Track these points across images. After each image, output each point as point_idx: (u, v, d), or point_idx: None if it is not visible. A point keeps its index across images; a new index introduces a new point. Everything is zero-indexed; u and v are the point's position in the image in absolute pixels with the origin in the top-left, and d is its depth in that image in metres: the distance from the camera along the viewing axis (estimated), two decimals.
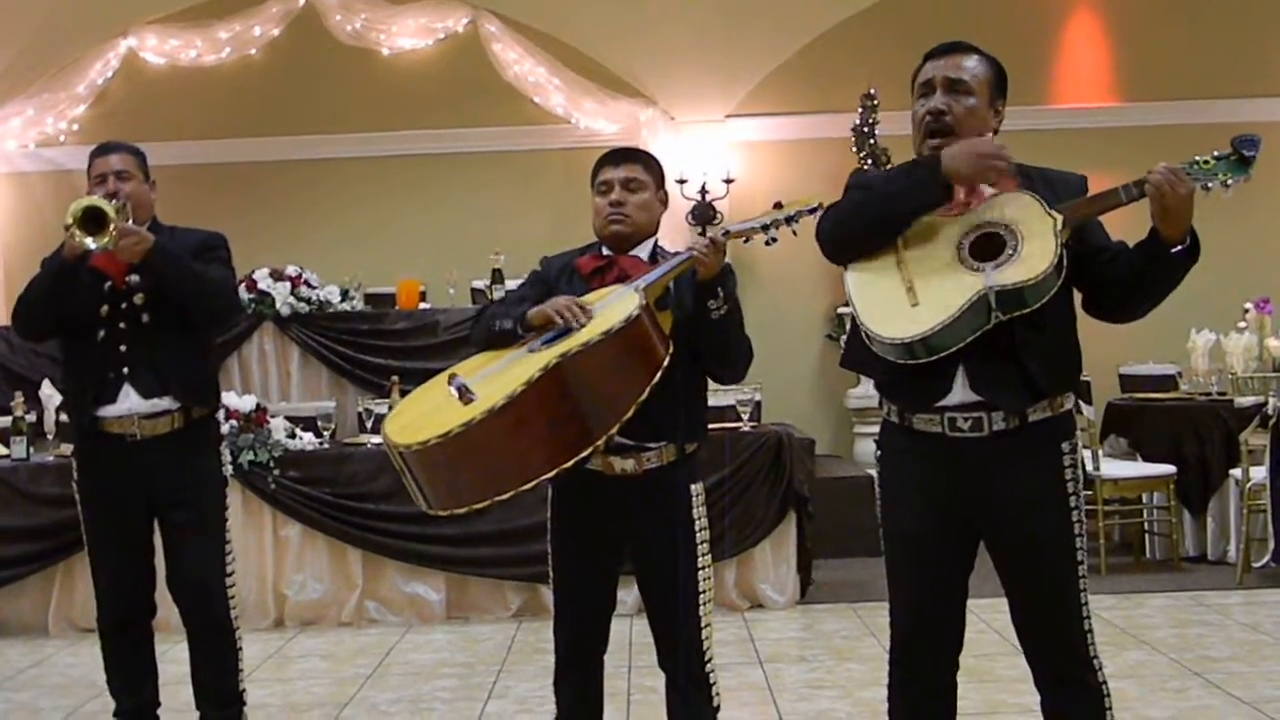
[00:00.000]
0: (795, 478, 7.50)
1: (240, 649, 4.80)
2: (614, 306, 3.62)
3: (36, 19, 10.85)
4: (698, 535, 3.92)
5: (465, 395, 3.48)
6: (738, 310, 3.86)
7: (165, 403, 4.62)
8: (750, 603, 7.57)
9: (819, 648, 6.71)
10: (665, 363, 3.60)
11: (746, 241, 3.94)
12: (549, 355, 3.46)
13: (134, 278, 4.62)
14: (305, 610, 7.61)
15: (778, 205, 3.95)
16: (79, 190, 4.43)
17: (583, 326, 3.58)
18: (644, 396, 3.53)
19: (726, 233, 3.79)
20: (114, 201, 4.49)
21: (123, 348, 4.61)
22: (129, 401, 4.61)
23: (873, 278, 3.43)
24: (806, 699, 5.79)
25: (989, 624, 6.35)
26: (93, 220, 4.40)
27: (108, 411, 4.63)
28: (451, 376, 3.61)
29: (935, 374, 3.34)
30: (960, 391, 3.36)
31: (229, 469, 4.86)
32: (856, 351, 3.52)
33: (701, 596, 3.90)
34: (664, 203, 4.09)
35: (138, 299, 4.61)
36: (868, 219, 3.43)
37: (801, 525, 7.61)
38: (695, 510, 3.92)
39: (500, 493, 3.41)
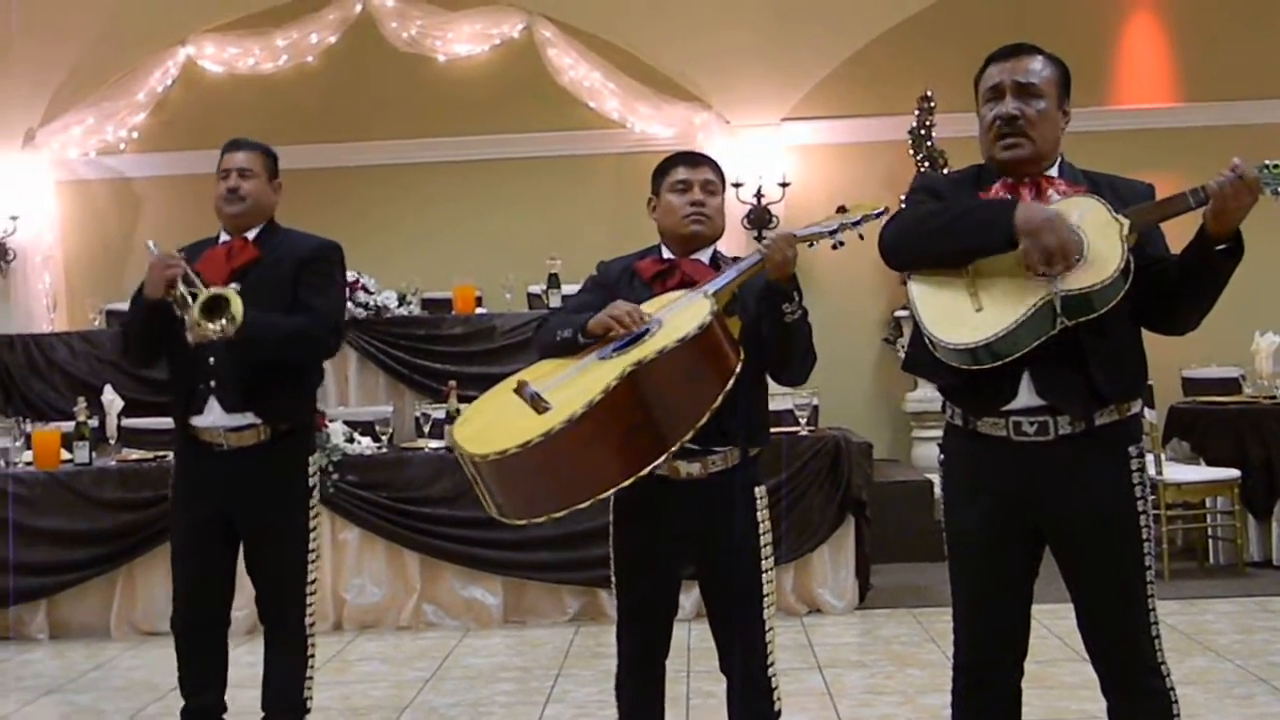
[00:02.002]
0: (853, 482, 7.47)
1: (311, 658, 4.78)
2: (685, 312, 3.60)
3: (97, 28, 10.94)
4: (761, 538, 3.91)
5: (539, 403, 3.46)
6: (805, 310, 3.84)
7: (248, 418, 4.61)
8: (808, 608, 7.54)
9: (878, 653, 6.68)
10: (738, 369, 3.58)
11: (811, 246, 3.92)
12: (624, 362, 3.44)
13: (235, 286, 4.64)
14: (364, 614, 7.64)
15: (841, 209, 3.93)
16: (139, 197, 4.47)
17: (648, 332, 3.57)
18: (717, 404, 3.52)
19: (794, 235, 3.76)
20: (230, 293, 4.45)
21: (211, 360, 4.60)
22: (214, 414, 4.63)
23: (937, 283, 3.40)
24: (867, 704, 5.76)
25: (1050, 629, 6.30)
26: (215, 308, 4.39)
27: (197, 421, 4.66)
28: (520, 384, 3.60)
29: (1001, 378, 3.31)
30: (1026, 396, 3.33)
31: (314, 479, 4.76)
32: (919, 356, 3.50)
33: (765, 600, 3.89)
34: (723, 209, 4.08)
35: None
36: (932, 251, 3.40)
37: (860, 530, 7.58)
38: (759, 513, 3.91)
39: (577, 502, 3.40)
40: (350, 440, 7.78)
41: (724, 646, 3.95)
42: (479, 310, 9.57)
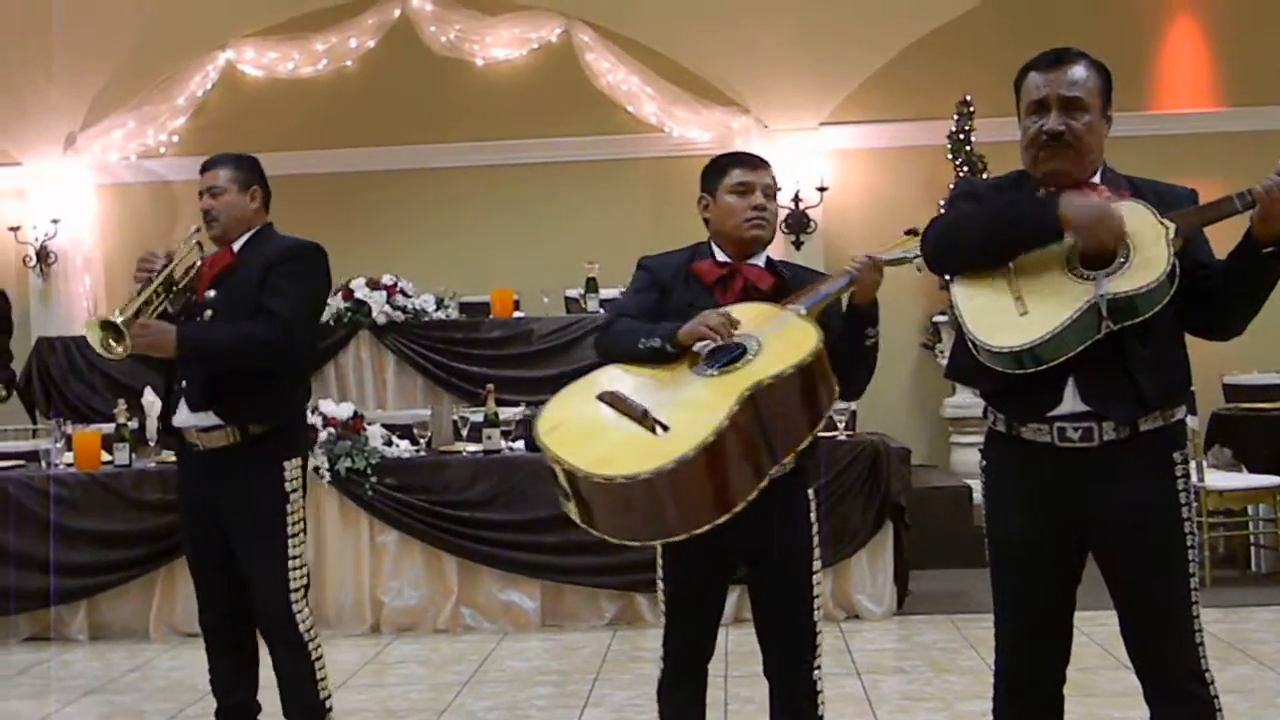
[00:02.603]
0: (892, 487, 7.44)
1: (317, 659, 4.73)
2: (788, 333, 3.54)
3: (137, 33, 11.02)
4: (812, 540, 3.90)
5: (651, 422, 3.36)
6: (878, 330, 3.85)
7: (211, 418, 4.63)
8: (846, 613, 7.52)
9: (917, 659, 6.65)
10: (837, 393, 3.55)
11: (898, 267, 3.89)
12: (740, 385, 3.36)
13: (210, 293, 4.71)
14: (401, 616, 7.65)
15: (912, 232, 3.90)
16: (179, 200, 4.52)
17: (745, 350, 3.51)
18: (820, 427, 3.51)
19: (881, 260, 3.74)
20: (133, 304, 4.50)
21: None
22: (183, 413, 4.68)
23: (980, 287, 3.39)
24: (905, 711, 5.74)
25: (1090, 637, 6.26)
26: (114, 332, 4.43)
27: (175, 420, 4.73)
28: (614, 396, 3.49)
29: (1045, 384, 3.30)
30: (1070, 402, 3.31)
31: (293, 483, 4.70)
32: (962, 361, 3.48)
33: (815, 602, 3.89)
34: None
35: (205, 315, 4.67)
36: (976, 245, 3.39)
37: (898, 535, 7.55)
38: (811, 515, 3.91)
39: (679, 533, 3.31)
40: (388, 443, 7.79)
41: (769, 649, 3.93)
42: (517, 314, 9.60)
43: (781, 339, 3.52)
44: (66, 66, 11.08)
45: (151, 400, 8.43)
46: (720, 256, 3.96)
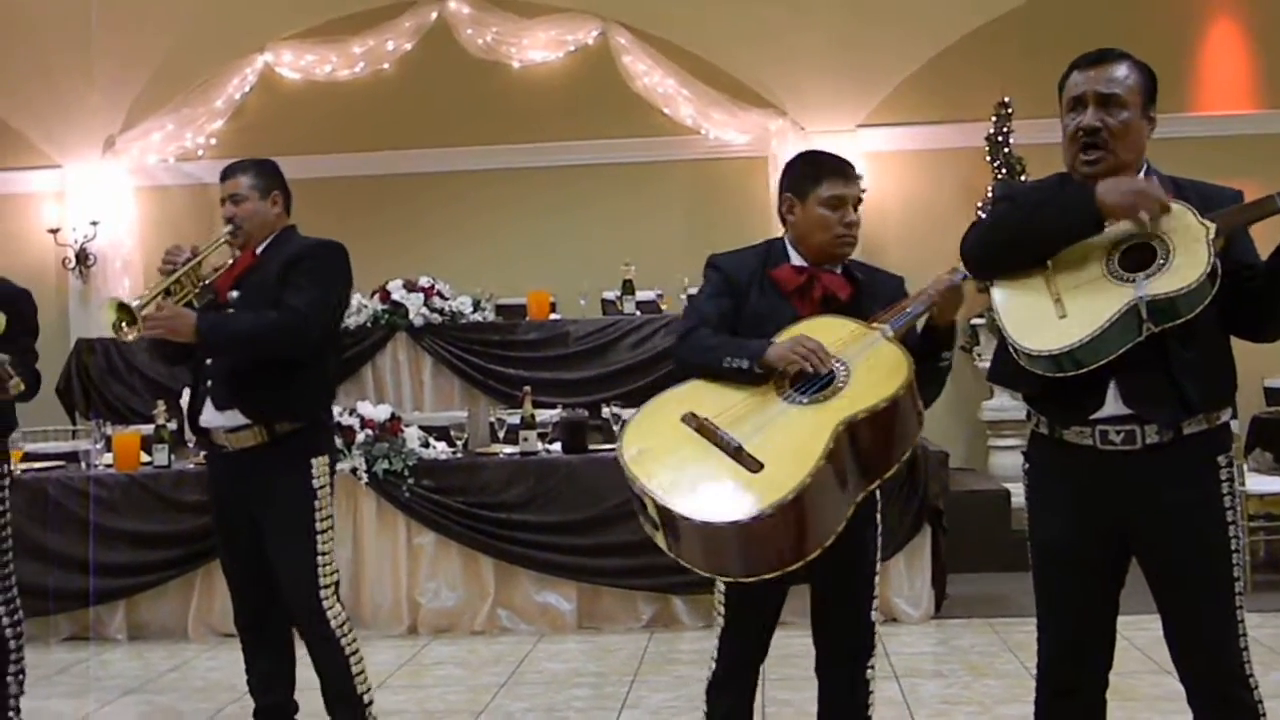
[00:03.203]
0: (930, 491, 7.41)
1: (352, 654, 4.74)
2: (879, 358, 3.51)
3: (176, 36, 11.07)
4: (878, 541, 3.91)
5: (747, 460, 3.31)
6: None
7: (237, 417, 4.66)
8: (884, 616, 7.47)
9: (955, 663, 6.63)
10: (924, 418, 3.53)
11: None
12: (833, 419, 3.33)
13: (233, 294, 4.75)
14: (439, 618, 7.66)
15: None
16: (216, 203, 4.55)
17: (834, 376, 3.48)
18: (907, 456, 3.49)
19: (965, 276, 3.66)
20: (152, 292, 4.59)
21: (208, 361, 4.72)
22: (209, 413, 4.71)
23: (1020, 290, 3.38)
24: (944, 714, 5.72)
25: (1131, 641, 6.21)
26: (128, 315, 4.47)
27: (202, 420, 4.77)
28: (701, 421, 3.44)
29: (1087, 386, 3.28)
30: (1113, 404, 3.30)
31: (320, 480, 4.72)
32: (1004, 364, 3.47)
33: (875, 601, 3.91)
34: None
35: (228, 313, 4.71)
36: (1017, 243, 3.39)
37: (936, 539, 7.52)
38: (877, 516, 3.90)
39: (770, 571, 3.30)
40: (425, 445, 7.81)
41: (827, 648, 3.93)
42: (553, 316, 9.61)
43: (871, 366, 3.49)
44: (106, 70, 11.14)
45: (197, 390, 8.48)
46: (796, 260, 3.89)
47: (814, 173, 3.89)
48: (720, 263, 3.95)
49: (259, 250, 4.84)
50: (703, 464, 3.34)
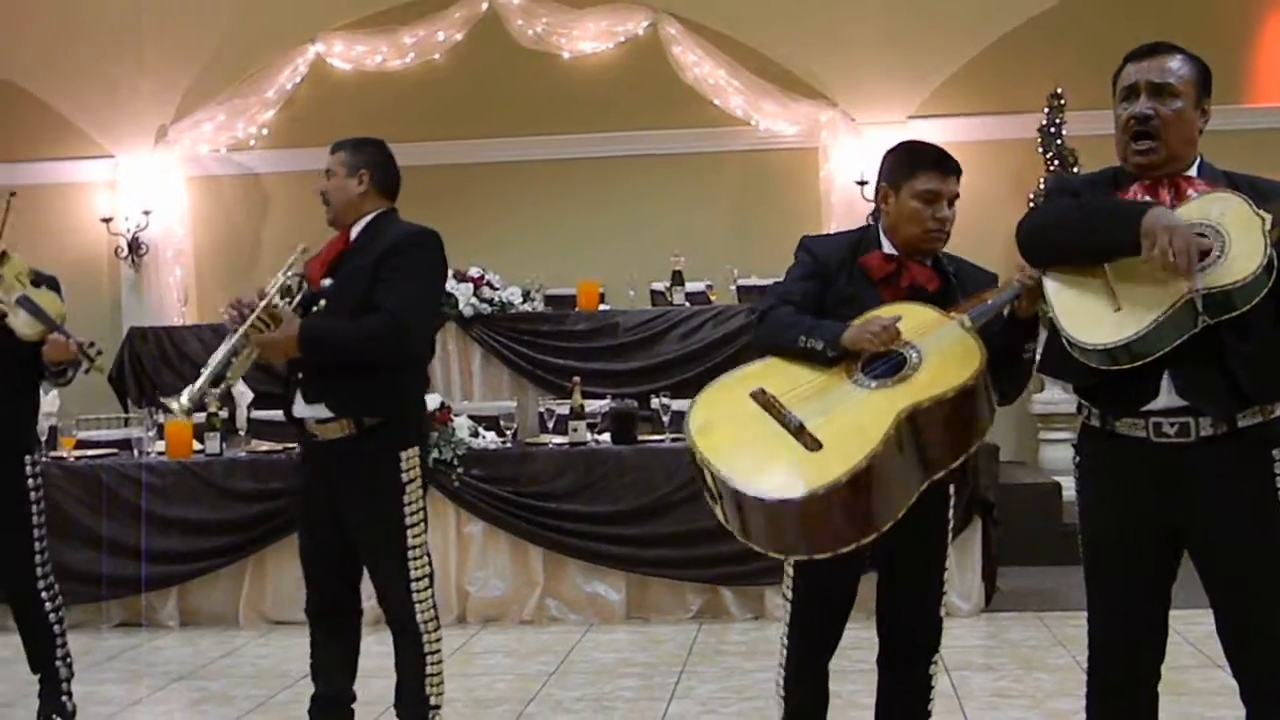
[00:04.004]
0: (981, 483, 7.38)
1: (431, 653, 4.73)
2: (950, 347, 3.49)
3: (228, 27, 11.15)
4: (948, 536, 3.92)
5: (807, 438, 3.34)
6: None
7: (323, 410, 4.65)
8: None
9: (1005, 656, 6.60)
10: (997, 410, 3.51)
11: None
12: (898, 404, 3.34)
13: (326, 282, 4.70)
14: (487, 607, 7.69)
15: None
16: (268, 193, 4.62)
17: (906, 361, 3.48)
18: (974, 448, 3.46)
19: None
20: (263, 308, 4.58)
21: None
22: (300, 404, 4.71)
23: (1073, 282, 3.36)
24: (995, 707, 5.69)
25: (1183, 636, 6.18)
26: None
27: (295, 411, 4.76)
28: (770, 400, 3.48)
29: (1140, 378, 3.25)
30: (1166, 396, 3.27)
31: (410, 474, 4.68)
32: (1056, 355, 3.44)
33: (944, 597, 3.93)
34: None
35: (320, 305, 4.67)
36: (1064, 242, 3.36)
37: (987, 532, 7.48)
38: (949, 512, 3.91)
39: (829, 550, 3.32)
40: (475, 434, 7.83)
41: (892, 641, 3.93)
42: (602, 307, 9.61)
43: (944, 354, 3.48)
44: (158, 60, 11.23)
45: (242, 391, 8.54)
46: (888, 249, 3.88)
47: (910, 163, 3.87)
48: (812, 245, 3.96)
49: (354, 234, 4.79)
50: (763, 440, 3.37)
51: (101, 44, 11.13)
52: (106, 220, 11.46)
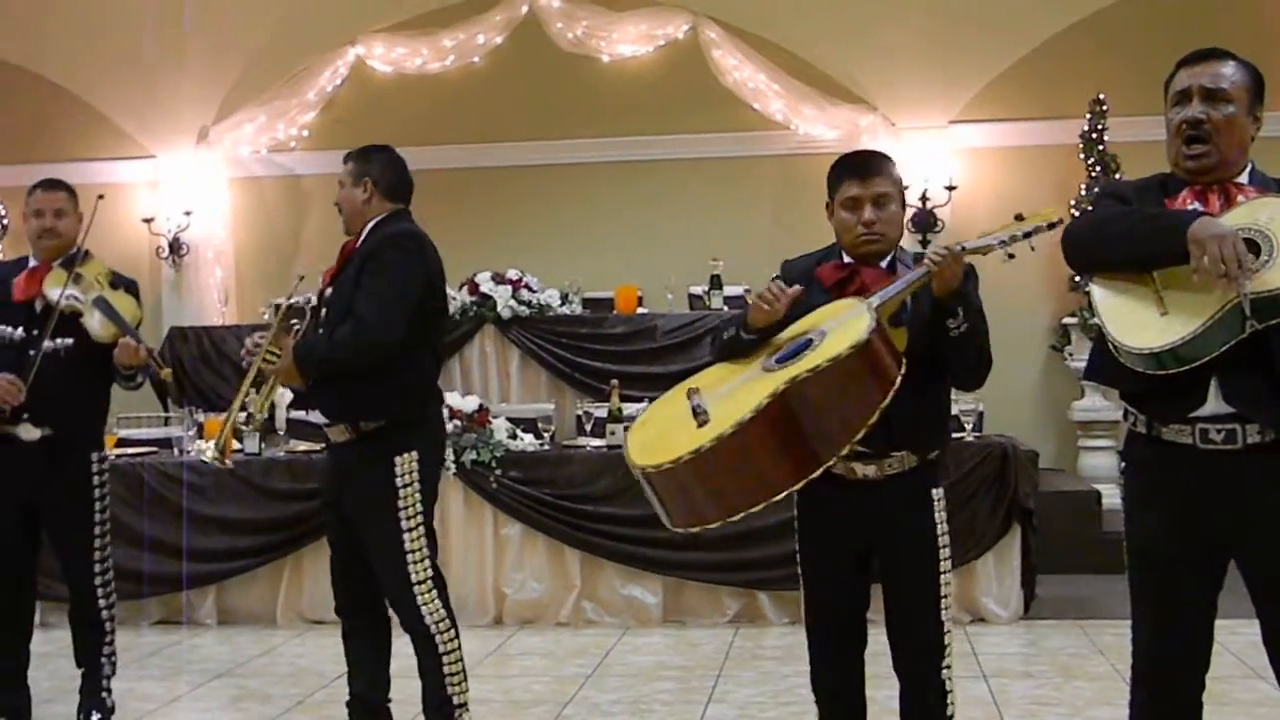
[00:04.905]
0: (1020, 490, 7.34)
1: (446, 653, 4.75)
2: (846, 326, 3.55)
3: (269, 28, 11.17)
4: (939, 539, 3.87)
5: (700, 416, 3.49)
6: (979, 322, 3.77)
7: (319, 416, 4.85)
8: (971, 616, 7.42)
9: (1044, 664, 6.56)
10: (896, 384, 3.50)
11: (984, 255, 3.82)
12: (778, 379, 3.42)
13: (328, 291, 4.85)
14: (524, 609, 7.69)
15: (1019, 217, 3.87)
16: (308, 194, 4.75)
17: (811, 343, 3.54)
18: (874, 419, 3.46)
19: (963, 248, 3.68)
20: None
21: None
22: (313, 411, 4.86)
23: (1120, 287, 3.34)
24: (1034, 715, 5.67)
25: (1225, 646, 6.11)
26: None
27: (310, 416, 4.91)
28: (690, 391, 3.64)
29: (1188, 384, 3.23)
30: (1214, 403, 3.25)
31: (405, 478, 4.73)
32: (1102, 361, 3.43)
33: (943, 601, 3.87)
34: (904, 205, 4.03)
35: (322, 314, 4.84)
36: (1110, 250, 3.35)
37: (1026, 538, 7.44)
38: (937, 514, 3.87)
39: (732, 514, 3.42)
40: (513, 436, 7.84)
41: (900, 647, 3.91)
42: (640, 310, 9.59)
43: (840, 332, 3.53)
44: (199, 61, 11.27)
45: (281, 391, 8.55)
46: (847, 259, 3.94)
47: (835, 176, 3.97)
48: (785, 266, 4.07)
49: (360, 240, 4.89)
50: (669, 424, 3.57)
51: (143, 45, 11.17)
52: (148, 220, 11.50)
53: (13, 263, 5.79)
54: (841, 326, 3.56)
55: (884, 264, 3.92)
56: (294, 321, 4.86)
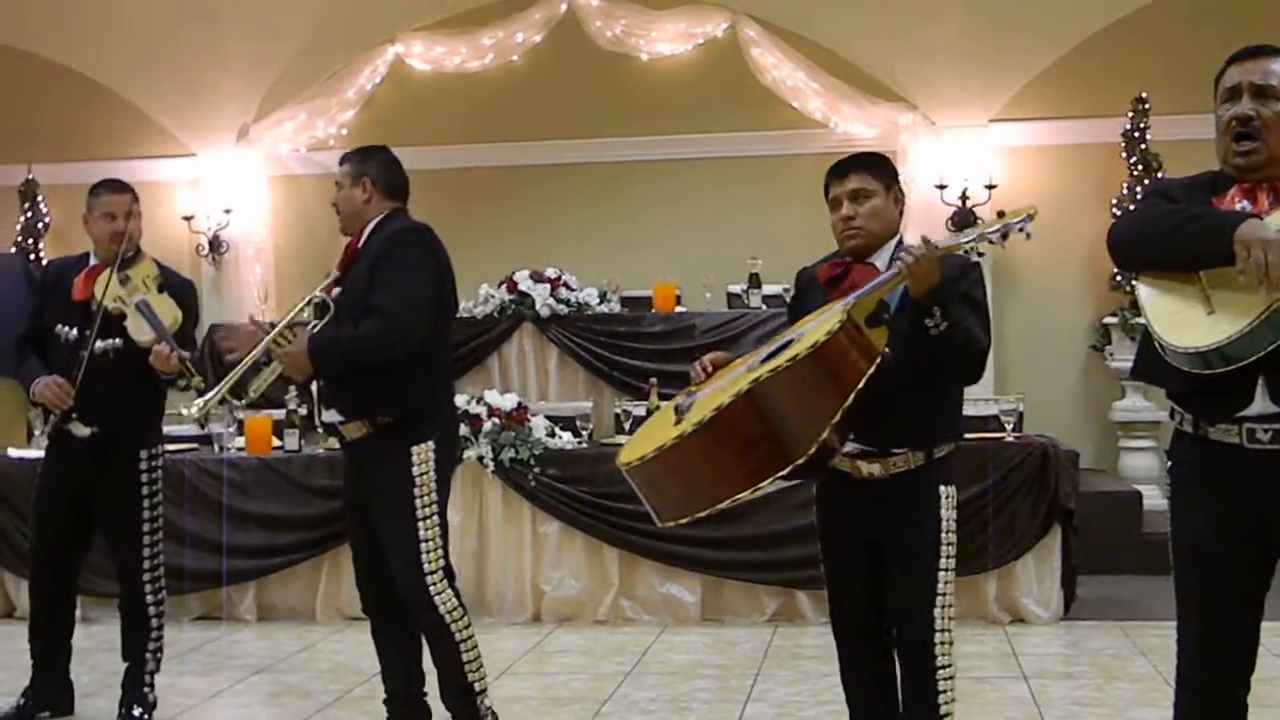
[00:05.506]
0: (1061, 490, 7.30)
1: (463, 642, 4.77)
2: (818, 328, 3.58)
3: (309, 27, 11.22)
4: (943, 537, 3.88)
5: (680, 414, 3.59)
6: (966, 319, 3.75)
7: (336, 414, 4.85)
8: (1011, 616, 7.38)
9: (1085, 665, 6.53)
10: (859, 385, 3.50)
11: (967, 253, 3.81)
12: (745, 379, 3.47)
13: (336, 291, 4.87)
14: (562, 606, 7.70)
15: (1000, 214, 3.88)
16: None
17: (790, 343, 3.59)
18: (836, 419, 3.47)
19: (936, 247, 3.66)
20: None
21: None
22: (325, 411, 4.93)
23: (1166, 286, 3.31)
24: (1075, 716, 5.63)
25: (1267, 648, 6.07)
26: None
27: (325, 418, 4.98)
28: (689, 392, 3.77)
29: (1235, 383, 3.19)
30: (1261, 402, 3.21)
31: (421, 468, 4.77)
32: (1148, 360, 3.40)
33: (938, 600, 3.86)
34: (899, 200, 4.04)
35: (330, 314, 4.83)
36: (1155, 249, 3.31)
37: (1067, 539, 7.40)
38: (944, 513, 3.89)
39: (705, 507, 3.49)
40: (551, 434, 7.85)
41: (894, 644, 3.96)
42: (679, 308, 9.59)
43: (810, 334, 3.57)
44: (239, 59, 11.33)
45: (320, 388, 8.59)
46: (846, 257, 4.01)
47: (826, 183, 4.06)
48: (797, 277, 4.21)
49: (362, 240, 4.93)
50: (655, 426, 3.72)
51: (184, 43, 11.23)
52: (188, 218, 11.56)
53: (74, 260, 5.83)
54: (814, 328, 3.60)
55: (878, 261, 3.95)
56: (307, 318, 4.89)
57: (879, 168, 4.02)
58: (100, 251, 5.64)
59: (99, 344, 5.43)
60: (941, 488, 3.90)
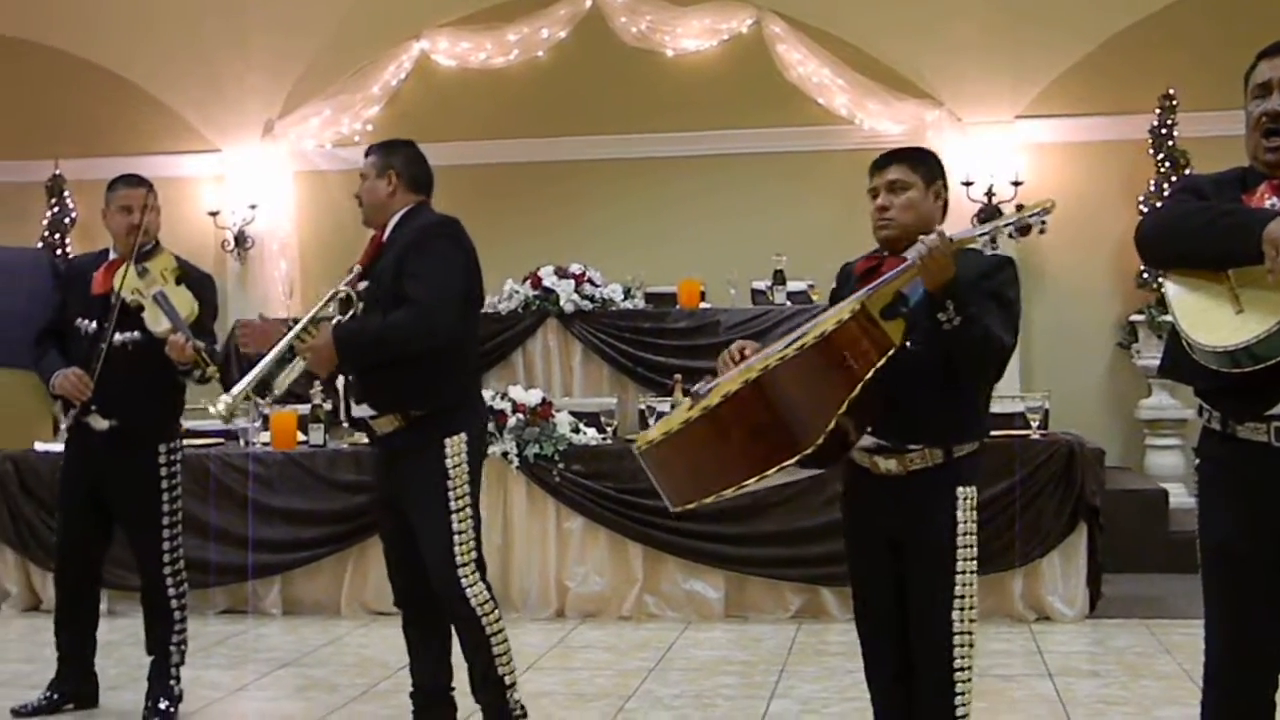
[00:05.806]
0: (1087, 488, 7.28)
1: (493, 634, 4.78)
2: (831, 317, 3.57)
3: (334, 23, 11.25)
4: (959, 539, 3.83)
5: (695, 400, 3.59)
6: (974, 318, 3.67)
7: (367, 410, 4.85)
8: (1037, 614, 7.36)
9: (1111, 663, 6.51)
10: (867, 377, 3.47)
11: (983, 247, 3.78)
12: (756, 367, 3.47)
13: (363, 284, 4.87)
14: (586, 602, 7.70)
15: (1019, 208, 3.85)
16: None
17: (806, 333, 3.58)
18: (843, 409, 3.45)
19: (950, 240, 3.61)
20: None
21: None
22: (355, 407, 4.92)
23: (1194, 284, 3.29)
24: (1100, 714, 5.61)
25: None
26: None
27: (354, 412, 4.97)
28: (708, 381, 3.75)
29: (1263, 382, 3.17)
30: None
31: (454, 459, 4.78)
32: (1177, 358, 3.38)
33: (956, 602, 3.81)
34: (939, 197, 3.99)
35: (358, 307, 4.84)
36: (1184, 247, 3.29)
37: (1093, 537, 7.37)
38: (961, 513, 3.83)
39: (709, 492, 3.48)
40: (576, 430, 7.86)
41: (912, 644, 3.91)
42: (703, 305, 9.58)
43: (823, 324, 3.55)
44: (265, 55, 11.37)
45: (345, 383, 8.61)
46: (882, 251, 4.00)
47: (869, 173, 4.06)
48: (840, 271, 4.17)
49: (386, 233, 4.93)
50: (675, 413, 3.71)
51: (209, 39, 11.29)
52: (213, 214, 11.61)
53: (94, 256, 5.88)
54: (827, 318, 3.59)
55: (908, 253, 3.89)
56: (331, 313, 4.89)
57: (919, 160, 4.00)
58: (118, 245, 5.69)
59: (117, 336, 5.46)
60: (960, 489, 3.84)
